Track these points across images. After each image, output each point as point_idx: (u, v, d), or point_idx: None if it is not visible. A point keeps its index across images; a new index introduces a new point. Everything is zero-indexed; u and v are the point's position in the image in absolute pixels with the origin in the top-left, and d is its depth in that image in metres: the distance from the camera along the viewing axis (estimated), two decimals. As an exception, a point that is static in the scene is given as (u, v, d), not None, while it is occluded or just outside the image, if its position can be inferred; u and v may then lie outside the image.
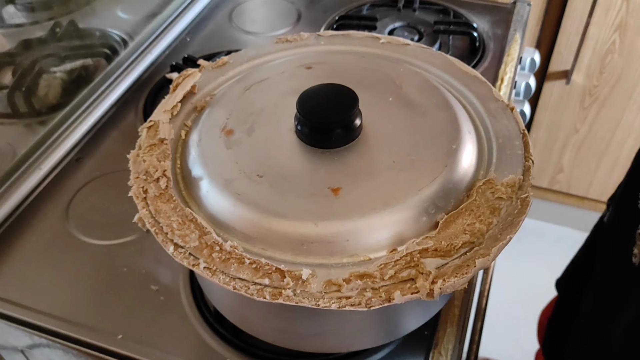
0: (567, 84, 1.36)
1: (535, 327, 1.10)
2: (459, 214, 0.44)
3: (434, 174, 0.46)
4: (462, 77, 0.57)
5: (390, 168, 0.47)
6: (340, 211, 0.44)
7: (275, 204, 0.44)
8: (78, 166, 0.77)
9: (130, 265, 0.64)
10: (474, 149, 0.49)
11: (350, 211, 0.43)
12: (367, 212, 0.43)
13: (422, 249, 0.42)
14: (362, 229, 0.43)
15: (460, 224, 0.44)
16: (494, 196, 0.45)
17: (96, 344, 0.57)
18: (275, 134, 0.51)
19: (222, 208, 0.46)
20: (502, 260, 0.99)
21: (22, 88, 0.78)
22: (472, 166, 0.48)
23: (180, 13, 1.01)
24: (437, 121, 0.51)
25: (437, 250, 0.42)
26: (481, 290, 0.74)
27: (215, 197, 0.46)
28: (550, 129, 1.47)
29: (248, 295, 0.40)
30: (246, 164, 0.48)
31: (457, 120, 0.50)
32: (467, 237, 0.42)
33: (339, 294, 0.40)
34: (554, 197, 1.60)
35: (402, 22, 0.99)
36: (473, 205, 0.45)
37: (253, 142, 0.50)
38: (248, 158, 0.49)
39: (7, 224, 0.69)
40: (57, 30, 0.88)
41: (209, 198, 0.47)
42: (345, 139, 0.48)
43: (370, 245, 0.43)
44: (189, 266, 0.42)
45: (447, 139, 0.48)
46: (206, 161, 0.49)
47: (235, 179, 0.47)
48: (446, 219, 0.44)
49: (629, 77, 1.32)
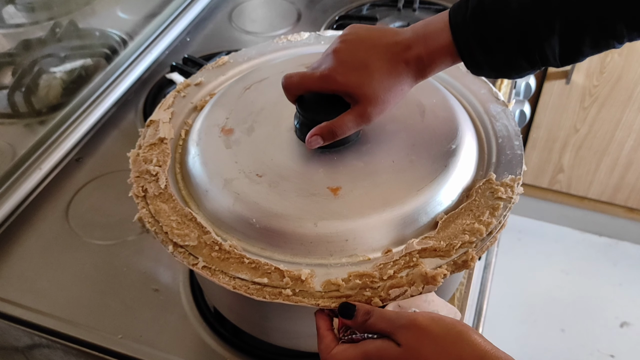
0: (567, 84, 1.36)
1: (536, 326, 1.10)
2: (458, 214, 0.44)
3: (433, 174, 0.46)
4: (461, 77, 0.57)
5: (389, 168, 0.47)
6: (339, 211, 0.44)
7: (275, 203, 0.44)
8: (78, 166, 0.77)
9: (130, 265, 0.64)
10: (474, 150, 0.49)
11: (350, 211, 0.44)
12: (366, 212, 0.43)
13: (421, 248, 0.42)
14: (361, 229, 0.43)
15: (460, 224, 0.44)
16: (493, 196, 0.45)
17: (96, 343, 0.57)
18: (275, 133, 0.51)
19: (222, 207, 0.46)
20: (502, 260, 0.99)
21: (22, 88, 0.78)
22: (472, 166, 0.48)
23: (180, 13, 1.01)
24: (436, 121, 0.51)
25: (437, 250, 0.42)
26: (481, 290, 0.74)
27: (215, 196, 0.46)
28: (550, 129, 1.47)
29: (248, 295, 0.40)
30: (245, 164, 0.48)
31: (456, 120, 0.50)
32: (467, 237, 0.42)
33: (339, 294, 0.40)
34: (554, 197, 1.60)
35: (402, 22, 0.99)
36: (473, 205, 0.45)
37: (253, 142, 0.50)
38: (247, 158, 0.49)
39: (7, 224, 0.69)
40: (57, 30, 0.88)
41: (209, 197, 0.47)
42: (345, 139, 0.48)
43: (369, 245, 0.43)
44: (188, 266, 0.42)
45: (446, 139, 0.48)
46: (205, 160, 0.49)
47: (234, 178, 0.47)
48: (446, 219, 0.44)
49: (629, 77, 1.32)
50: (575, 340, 1.41)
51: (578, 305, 1.48)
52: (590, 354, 1.39)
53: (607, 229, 1.64)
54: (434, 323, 0.36)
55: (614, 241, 1.65)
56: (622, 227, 1.61)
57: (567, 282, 1.54)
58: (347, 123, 0.45)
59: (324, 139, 0.46)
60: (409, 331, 0.35)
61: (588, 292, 1.52)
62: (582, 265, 1.58)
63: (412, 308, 0.39)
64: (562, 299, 1.50)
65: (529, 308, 1.48)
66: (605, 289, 1.53)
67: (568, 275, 1.56)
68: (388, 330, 0.36)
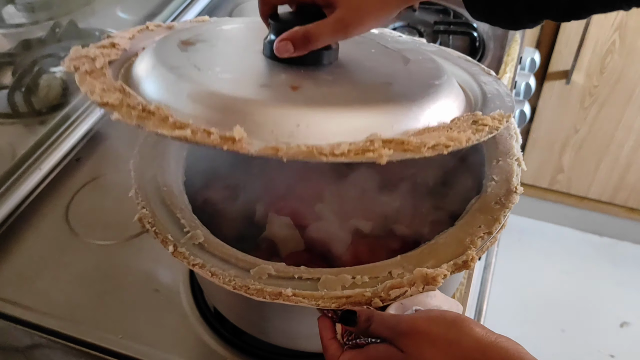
0: (567, 84, 1.36)
1: (536, 327, 1.10)
2: (434, 129, 0.40)
3: (411, 96, 0.42)
4: (454, 59, 0.56)
5: (363, 84, 0.43)
6: (295, 98, 0.39)
7: (224, 85, 0.40)
8: (78, 166, 0.76)
9: (130, 265, 0.64)
10: (459, 93, 0.47)
11: (307, 101, 0.39)
12: (326, 106, 0.39)
13: (386, 139, 0.37)
14: (317, 118, 0.38)
15: (435, 135, 0.39)
16: (477, 124, 0.41)
17: (96, 343, 0.57)
18: (241, 50, 0.47)
19: (160, 86, 0.41)
20: (502, 260, 0.99)
21: (22, 88, 0.78)
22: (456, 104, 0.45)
23: (180, 13, 1.01)
24: (420, 68, 0.48)
25: (404, 144, 0.37)
26: (481, 290, 0.74)
27: (157, 78, 0.42)
28: (550, 129, 1.47)
29: (248, 296, 0.40)
30: (201, 61, 0.43)
31: (442, 69, 0.48)
32: (443, 139, 0.38)
33: (339, 294, 0.40)
34: (554, 197, 1.60)
35: (402, 22, 0.99)
36: (452, 124, 0.41)
37: (213, 52, 0.46)
38: (204, 59, 0.44)
39: (7, 224, 0.69)
40: (57, 30, 0.88)
41: (149, 79, 0.42)
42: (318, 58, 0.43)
43: (323, 136, 0.37)
44: (189, 266, 0.42)
45: (429, 78, 0.45)
46: (156, 54, 0.44)
47: (183, 66, 0.42)
48: (419, 131, 0.39)
49: (629, 77, 1.32)
50: (575, 340, 1.41)
51: (578, 305, 1.49)
52: (590, 354, 1.39)
53: (607, 229, 1.64)
54: (433, 324, 0.35)
55: (614, 241, 1.65)
56: (622, 227, 1.62)
57: (567, 282, 1.54)
58: (322, 29, 0.40)
59: (295, 47, 0.40)
60: (410, 338, 0.35)
61: (588, 292, 1.52)
62: (582, 265, 1.58)
63: (414, 307, 0.39)
64: (562, 299, 1.50)
65: (529, 308, 1.48)
66: (605, 289, 1.53)
67: (568, 275, 1.56)
68: (389, 337, 0.36)
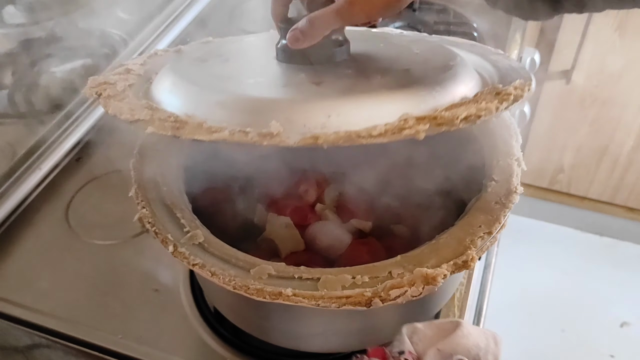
0: (567, 84, 1.36)
1: (536, 326, 1.10)
2: (460, 104, 0.40)
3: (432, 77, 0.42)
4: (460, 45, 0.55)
5: (382, 72, 0.44)
6: (321, 92, 0.40)
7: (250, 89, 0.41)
8: (78, 166, 0.77)
9: (130, 265, 0.64)
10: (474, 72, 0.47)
11: (333, 92, 0.40)
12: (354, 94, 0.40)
13: (419, 116, 0.37)
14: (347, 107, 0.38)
15: (464, 108, 0.39)
16: (501, 95, 0.41)
17: (96, 343, 0.57)
18: (255, 60, 0.49)
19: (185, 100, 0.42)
20: (502, 260, 0.99)
21: (22, 88, 0.78)
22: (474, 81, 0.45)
23: (180, 13, 1.01)
24: (431, 53, 0.48)
25: (437, 118, 0.37)
26: (481, 290, 0.74)
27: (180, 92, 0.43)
28: (550, 129, 1.47)
29: (248, 296, 0.40)
30: (219, 73, 0.45)
31: (454, 52, 0.48)
32: (474, 110, 0.38)
33: (339, 294, 0.40)
34: (554, 197, 1.60)
35: (402, 22, 0.99)
36: (477, 98, 0.41)
37: (229, 65, 0.48)
38: (222, 70, 0.46)
39: (7, 224, 0.69)
40: (57, 30, 0.88)
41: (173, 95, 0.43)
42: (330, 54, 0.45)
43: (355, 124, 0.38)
44: (189, 266, 0.42)
45: (444, 59, 0.46)
46: (174, 73, 0.45)
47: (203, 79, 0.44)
48: (446, 107, 0.40)
49: (629, 77, 1.32)
50: (575, 340, 1.41)
51: (578, 305, 1.49)
52: (590, 354, 1.39)
53: (607, 229, 1.64)
54: None
55: (614, 241, 1.65)
56: (622, 227, 1.62)
57: (567, 282, 1.54)
58: (326, 13, 0.42)
59: (303, 33, 0.43)
60: None
61: (588, 292, 1.52)
62: (582, 265, 1.58)
63: (454, 356, 0.37)
64: (562, 299, 1.50)
65: (529, 308, 1.48)
66: (605, 289, 1.53)
67: (568, 275, 1.56)
68: None
